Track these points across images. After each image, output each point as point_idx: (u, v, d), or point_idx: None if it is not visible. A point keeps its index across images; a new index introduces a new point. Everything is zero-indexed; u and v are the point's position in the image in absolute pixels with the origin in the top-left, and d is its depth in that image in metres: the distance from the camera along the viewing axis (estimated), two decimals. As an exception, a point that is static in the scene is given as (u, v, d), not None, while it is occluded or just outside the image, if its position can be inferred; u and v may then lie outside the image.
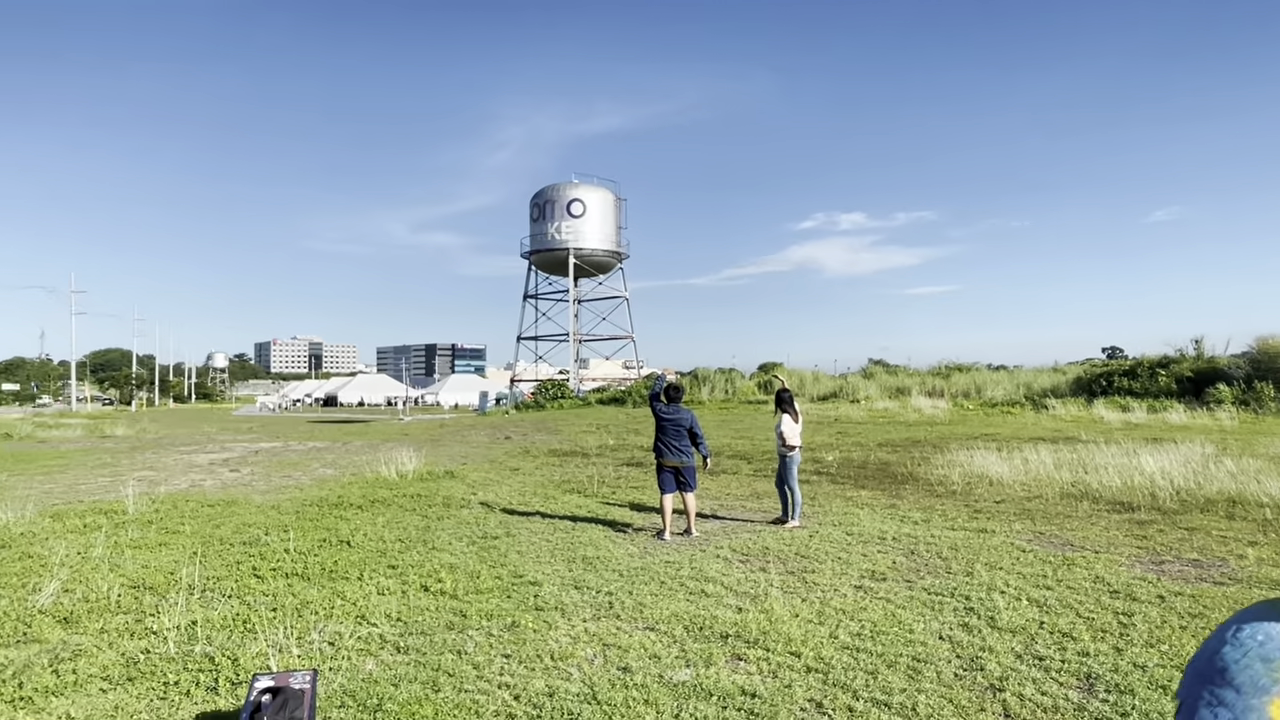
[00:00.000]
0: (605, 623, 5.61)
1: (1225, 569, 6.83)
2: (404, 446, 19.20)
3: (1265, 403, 25.77)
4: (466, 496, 11.72)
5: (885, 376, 43.27)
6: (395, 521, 9.68)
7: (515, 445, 21.46)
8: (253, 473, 15.83)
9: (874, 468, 14.53)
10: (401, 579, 6.85)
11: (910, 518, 9.49)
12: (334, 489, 12.78)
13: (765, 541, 8.28)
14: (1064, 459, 13.77)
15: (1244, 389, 27.04)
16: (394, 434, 28.74)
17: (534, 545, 8.26)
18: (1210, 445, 15.64)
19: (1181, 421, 23.19)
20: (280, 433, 31.22)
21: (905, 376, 42.36)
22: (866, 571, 6.93)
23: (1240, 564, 6.97)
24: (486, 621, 5.64)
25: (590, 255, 62.42)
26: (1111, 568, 6.90)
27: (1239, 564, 6.97)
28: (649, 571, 7.06)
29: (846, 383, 42.04)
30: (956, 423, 25.78)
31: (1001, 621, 5.44)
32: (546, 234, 62.52)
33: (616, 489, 12.49)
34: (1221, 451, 14.61)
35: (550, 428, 28.46)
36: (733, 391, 42.29)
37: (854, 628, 5.38)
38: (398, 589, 6.53)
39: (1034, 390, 34.59)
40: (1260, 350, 28.35)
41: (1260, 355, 28.17)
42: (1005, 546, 7.81)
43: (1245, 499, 9.88)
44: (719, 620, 5.58)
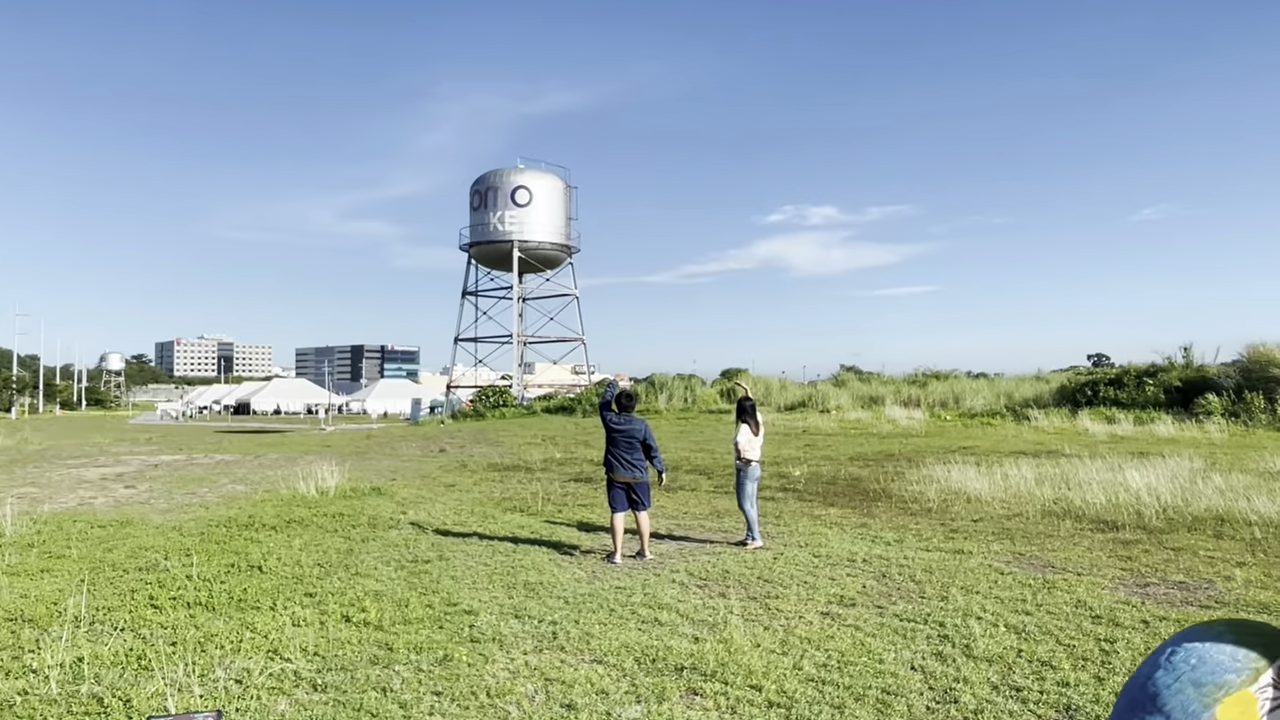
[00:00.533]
0: (548, 655, 5.60)
1: (1212, 592, 7.06)
2: (325, 460, 18.90)
3: (1255, 415, 26.73)
4: (395, 516, 11.60)
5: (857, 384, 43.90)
6: (314, 544, 9.54)
7: (451, 458, 21.29)
8: (151, 489, 15.45)
9: (844, 483, 14.73)
10: (320, 608, 6.75)
11: (882, 538, 9.64)
12: (244, 508, 12.53)
13: (725, 565, 8.34)
14: (1046, 474, 14.11)
15: (1234, 400, 28.01)
16: (314, 445, 28.29)
17: (470, 570, 8.21)
18: (1199, 459, 16.17)
19: (1169, 434, 23.93)
20: (184, 444, 30.51)
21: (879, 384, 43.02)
22: (834, 597, 7.02)
23: (1228, 586, 7.22)
24: (415, 655, 5.58)
25: (537, 248, 62.28)
26: (1094, 591, 7.09)
27: (1226, 586, 7.22)
28: (597, 598, 7.06)
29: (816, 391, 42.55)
30: (933, 435, 26.26)
31: (977, 650, 5.56)
32: (489, 224, 62.22)
33: (563, 507, 12.47)
34: (1210, 466, 15.12)
35: (490, 439, 28.29)
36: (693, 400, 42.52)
37: (820, 658, 5.45)
38: (315, 619, 6.43)
39: (1015, 400, 35.41)
40: (1251, 359, 29.41)
41: (1251, 364, 29.23)
42: (983, 569, 7.98)
43: (1234, 517, 10.23)
44: (673, 651, 5.60)
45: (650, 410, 39.55)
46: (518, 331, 63.80)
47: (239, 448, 27.68)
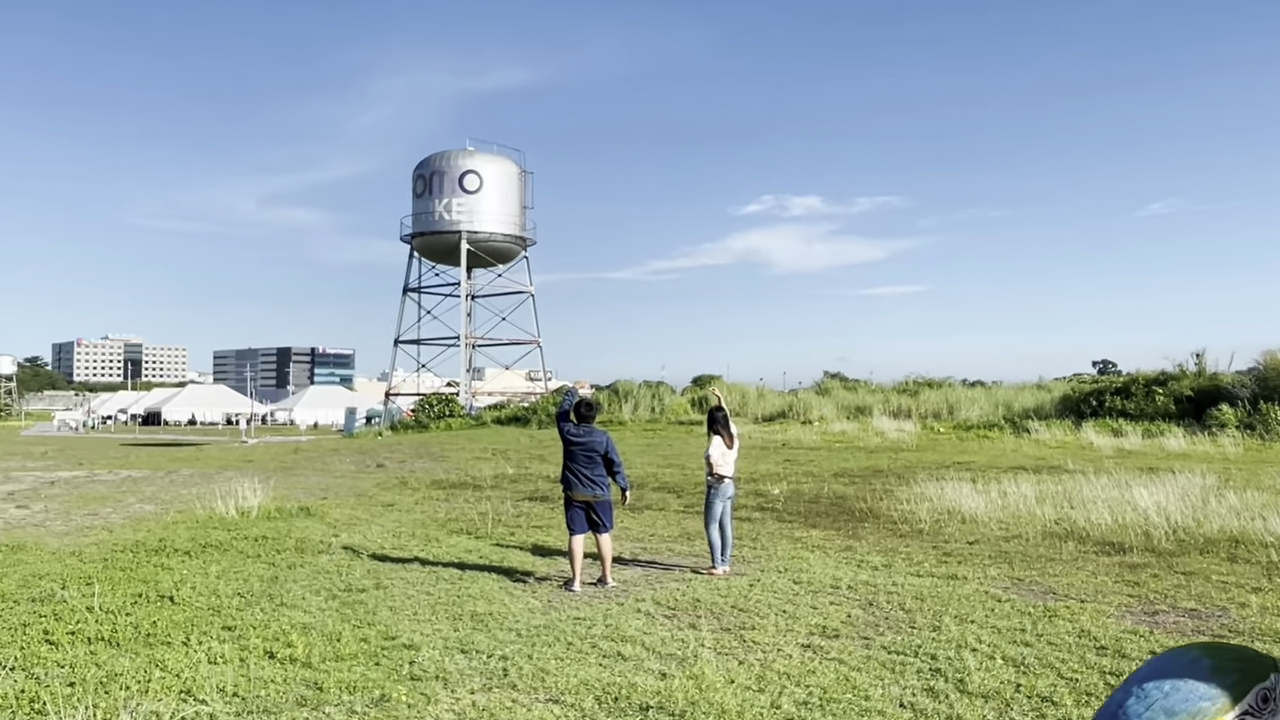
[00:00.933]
0: (498, 694, 5.58)
1: (1225, 620, 7.22)
2: (247, 476, 18.66)
3: (1272, 427, 27.35)
4: (326, 539, 11.49)
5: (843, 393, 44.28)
6: (233, 571, 9.42)
7: (390, 475, 21.14)
8: (47, 509, 15.16)
9: (828, 502, 14.84)
10: (240, 643, 6.66)
11: (869, 562, 9.73)
12: (154, 530, 12.35)
13: (696, 592, 8.37)
14: (1047, 492, 14.33)
15: (1249, 411, 28.63)
16: (235, 460, 27.93)
17: (411, 599, 8.15)
18: (1211, 476, 16.50)
19: (1180, 448, 24.41)
20: (85, 458, 29.97)
21: (866, 393, 43.43)
22: (816, 627, 7.07)
23: (1242, 614, 7.38)
24: (348, 695, 5.53)
25: (487, 240, 62.07)
26: (1098, 619, 7.22)
27: (1240, 614, 7.38)
28: (554, 630, 7.05)
29: (797, 400, 42.86)
30: (925, 448, 26.56)
31: (972, 685, 5.63)
32: (434, 213, 61.90)
33: (515, 529, 12.44)
34: (1224, 483, 15.44)
35: (434, 453, 28.13)
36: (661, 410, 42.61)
37: (800, 695, 5.48)
38: (235, 656, 6.34)
39: (1014, 410, 35.93)
40: (1268, 366, 30.09)
41: (1268, 372, 29.90)
42: (978, 595, 8.08)
43: (1249, 538, 10.46)
44: (638, 689, 5.61)
45: (614, 421, 39.55)
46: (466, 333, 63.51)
47: (148, 463, 27.26)
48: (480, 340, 65.35)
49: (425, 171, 63.24)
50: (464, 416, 46.74)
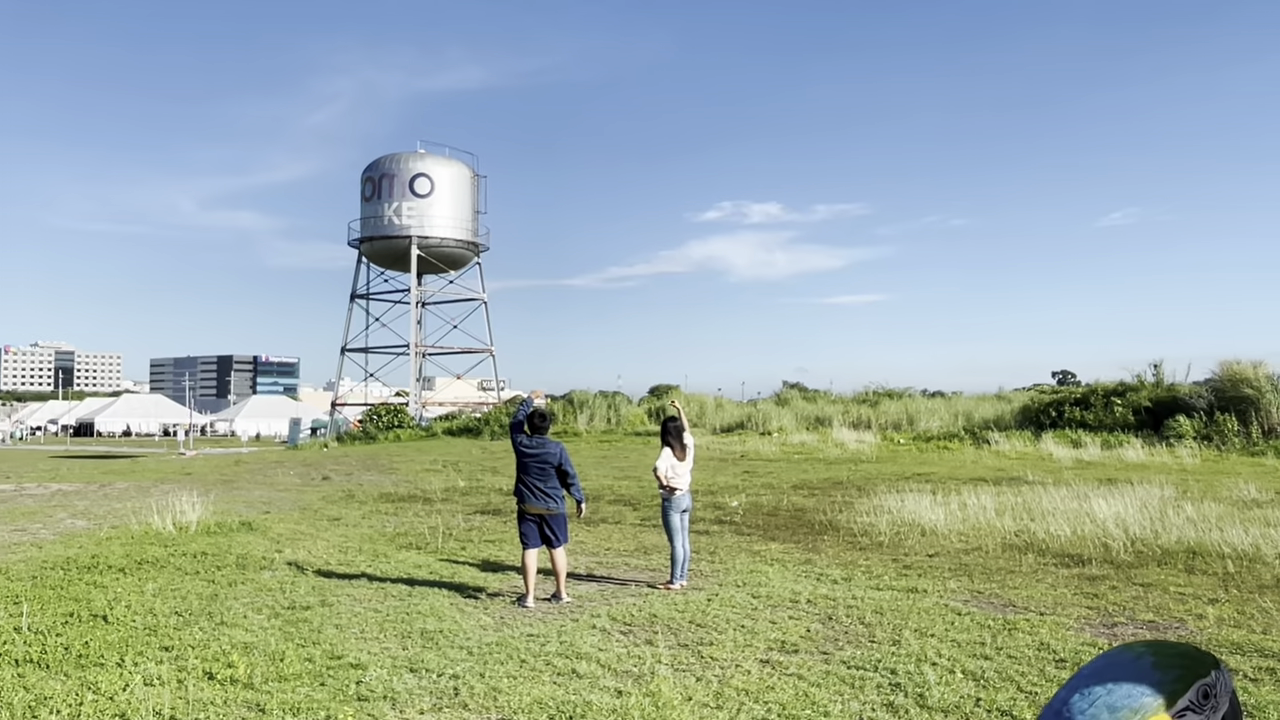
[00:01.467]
0: (448, 714, 5.54)
1: (1183, 631, 7.39)
2: (185, 489, 18.35)
3: (1229, 438, 28.02)
4: (269, 555, 11.34)
5: (802, 403, 44.60)
6: (171, 588, 9.26)
7: (336, 488, 20.90)
8: (-29, 525, 14.77)
9: (787, 515, 14.94)
10: (178, 664, 6.55)
11: (829, 576, 9.81)
12: (86, 546, 12.09)
13: (653, 608, 8.38)
14: (1007, 503, 14.55)
15: (1206, 422, 29.32)
16: (172, 473, 27.45)
17: (358, 617, 8.07)
18: (1169, 487, 16.87)
19: (1139, 459, 24.93)
20: (12, 471, 29.26)
21: (826, 404, 43.78)
22: (775, 642, 7.12)
23: (1199, 625, 7.55)
24: (291, 717, 5.47)
25: (439, 246, 61.72)
26: (1058, 632, 7.34)
27: (1198, 625, 7.56)
28: (506, 648, 7.02)
29: (756, 410, 43.07)
30: (885, 460, 26.82)
31: (932, 699, 5.69)
32: (383, 217, 61.44)
33: (467, 543, 12.36)
34: (1181, 494, 15.80)
35: (383, 465, 27.86)
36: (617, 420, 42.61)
37: (759, 712, 5.51)
38: (172, 677, 6.23)
39: (975, 421, 36.43)
40: (1224, 377, 30.84)
41: (1224, 383, 30.64)
42: (938, 609, 8.18)
43: (1206, 549, 10.71)
44: (593, 707, 5.60)
45: (569, 432, 39.48)
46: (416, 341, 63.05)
47: (80, 475, 26.68)
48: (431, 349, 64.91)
49: (374, 174, 62.73)
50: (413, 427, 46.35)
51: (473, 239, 64.09)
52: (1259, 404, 29.15)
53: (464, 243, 63.40)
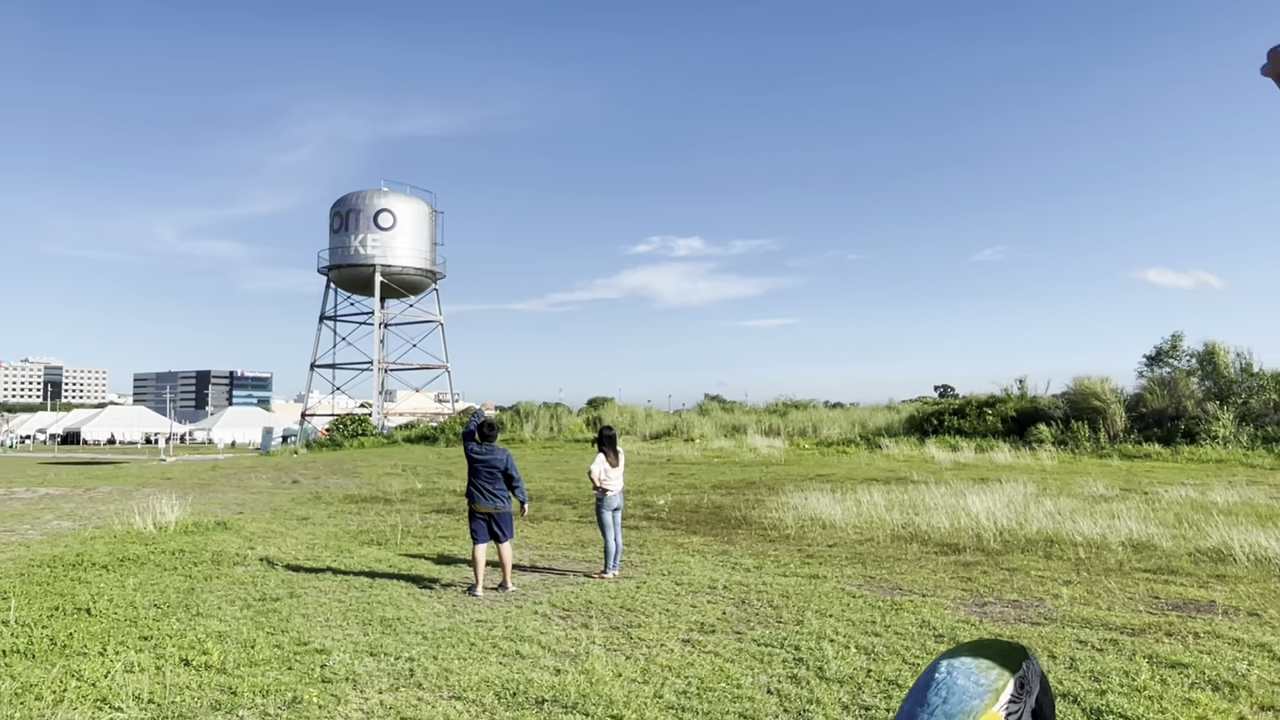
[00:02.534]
0: (404, 693, 5.45)
1: (1042, 609, 7.59)
2: (165, 492, 17.80)
3: (1081, 443, 28.93)
4: (242, 551, 11.04)
5: (721, 414, 44.85)
6: (151, 583, 8.96)
7: (304, 490, 20.44)
8: (-38, 527, 14.11)
9: (707, 511, 15.01)
10: (157, 652, 6.34)
11: (742, 564, 9.87)
12: (71, 545, 11.65)
13: (589, 595, 8.35)
14: (895, 500, 14.82)
15: (1062, 429, 30.22)
16: (153, 477, 26.57)
17: (323, 607, 7.90)
18: (1032, 485, 17.34)
19: (1007, 461, 25.57)
20: (2, 476, 28.04)
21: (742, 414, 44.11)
22: (695, 624, 7.14)
23: (1055, 604, 7.77)
24: (261, 698, 5.32)
25: (400, 273, 60.92)
26: (937, 611, 7.49)
27: (1054, 604, 7.77)
28: (458, 632, 6.93)
29: (681, 420, 43.20)
30: (792, 463, 27.11)
31: (830, 671, 5.77)
32: (349, 247, 60.47)
33: (423, 540, 12.18)
34: (1041, 491, 16.25)
35: (348, 470, 27.33)
36: (558, 429, 42.38)
37: (680, 685, 5.53)
38: (151, 664, 6.04)
39: (869, 429, 37.02)
40: (1077, 391, 31.84)
41: (1077, 396, 31.64)
42: (836, 592, 8.29)
43: (1061, 538, 11.03)
44: (534, 684, 5.56)
45: (515, 439, 39.17)
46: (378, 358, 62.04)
47: (67, 480, 25.68)
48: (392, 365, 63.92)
49: (342, 209, 61.76)
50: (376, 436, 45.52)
51: (431, 267, 63.40)
52: (1106, 414, 30.17)
53: (423, 271, 62.70)
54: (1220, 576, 8.79)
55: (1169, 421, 29.37)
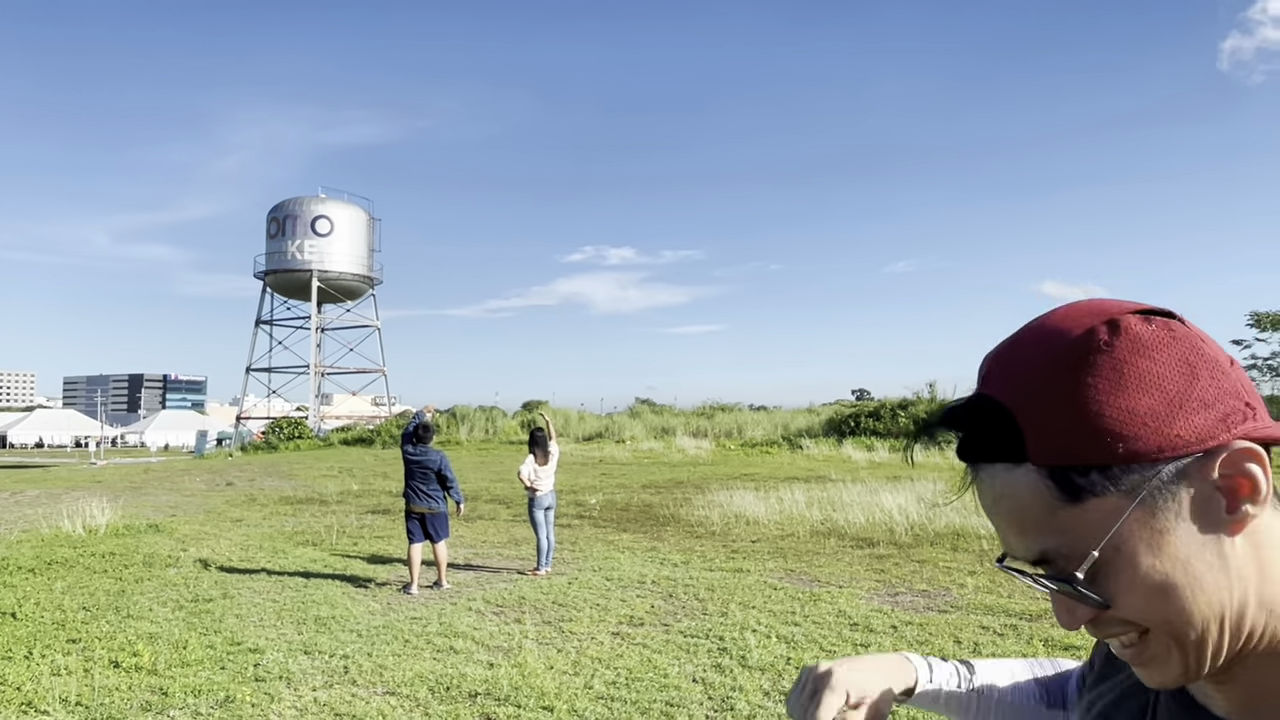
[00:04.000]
0: (339, 690, 5.34)
1: (949, 598, 7.80)
2: (96, 495, 17.06)
3: (986, 443, 29.82)
4: (175, 553, 10.66)
5: (651, 416, 44.97)
6: (79, 586, 8.59)
7: (239, 492, 19.83)
8: (-120, 532, 13.32)
9: (637, 510, 15.03)
10: (85, 655, 6.09)
11: (671, 560, 9.92)
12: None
13: (522, 591, 8.29)
14: (815, 497, 15.06)
15: (969, 430, 31.13)
16: (83, 480, 25.46)
17: (257, 607, 7.68)
18: (940, 482, 17.80)
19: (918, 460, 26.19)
20: (-77, 481, 26.51)
21: (671, 416, 44.29)
22: (625, 617, 7.15)
23: (961, 592, 8.00)
24: (193, 699, 5.15)
25: (337, 279, 59.65)
26: (853, 601, 7.64)
27: (960, 593, 8.00)
28: (392, 630, 6.81)
29: (612, 422, 43.18)
30: (718, 463, 27.34)
31: (752, 660, 5.84)
32: (286, 252, 58.98)
33: (359, 540, 11.94)
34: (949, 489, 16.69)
35: (283, 472, 26.59)
36: (494, 431, 41.97)
37: (610, 676, 5.53)
38: (79, 667, 5.79)
39: (790, 430, 37.57)
40: (982, 394, 32.82)
41: (982, 399, 32.62)
42: (759, 585, 8.39)
43: (966, 532, 11.35)
44: (468, 678, 5.50)
45: (451, 441, 38.66)
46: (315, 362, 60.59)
47: (-8, 484, 24.43)
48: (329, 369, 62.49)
49: (279, 215, 60.22)
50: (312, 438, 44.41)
51: (368, 273, 62.23)
52: (1008, 416, 31.15)
53: (360, 276, 61.51)
54: (1109, 565, 9.17)
55: (1065, 423, 30.48)
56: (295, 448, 40.97)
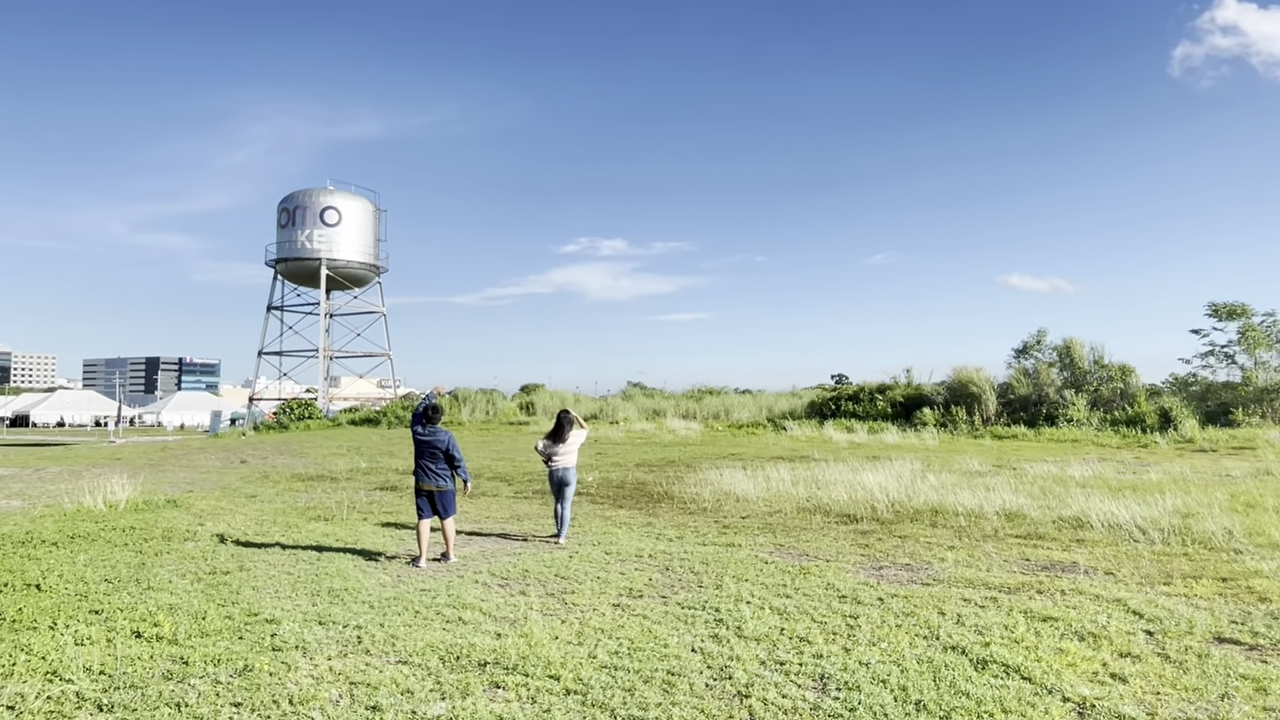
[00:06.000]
0: (353, 659, 5.26)
1: (931, 571, 7.77)
2: (115, 472, 16.93)
3: (959, 425, 29.91)
4: (192, 528, 10.54)
5: (643, 399, 44.96)
6: (101, 559, 8.48)
7: (253, 469, 19.69)
8: (-92, 507, 13.15)
9: (631, 487, 14.98)
10: (108, 625, 5.99)
11: (665, 535, 9.87)
12: (21, 523, 10.95)
13: (525, 564, 8.22)
14: (800, 476, 15.04)
15: (943, 413, 31.19)
16: (103, 458, 25.26)
17: (272, 579, 7.59)
18: (917, 462, 17.82)
19: (895, 441, 26.25)
20: (-51, 458, 26.26)
21: (661, 399, 44.28)
22: (624, 589, 7.09)
23: (942, 566, 7.97)
24: (213, 667, 5.06)
25: (345, 267, 59.28)
26: (840, 575, 7.60)
27: (941, 566, 7.97)
28: (402, 601, 6.73)
29: (606, 404, 43.15)
30: (707, 443, 27.33)
31: (747, 631, 5.78)
32: (296, 241, 58.56)
33: (368, 515, 11.83)
34: (926, 468, 16.71)
35: (294, 450, 26.45)
36: (494, 412, 41.86)
37: (612, 646, 5.47)
38: (102, 637, 5.69)
39: (775, 413, 37.60)
40: (956, 379, 32.90)
41: (956, 384, 32.69)
42: (750, 559, 8.34)
43: (945, 509, 11.34)
44: (476, 648, 5.43)
45: (454, 422, 38.54)
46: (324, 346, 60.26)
47: (16, 461, 24.21)
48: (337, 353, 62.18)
49: (290, 206, 59.73)
50: (321, 418, 44.22)
51: (374, 262, 61.85)
52: (981, 399, 31.25)
53: (367, 265, 61.13)
54: (1080, 541, 9.16)
55: (1033, 406, 30.59)
56: (305, 427, 40.80)
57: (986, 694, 4.53)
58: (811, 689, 4.69)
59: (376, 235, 62.07)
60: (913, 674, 4.85)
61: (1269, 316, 29.24)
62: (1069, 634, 5.65)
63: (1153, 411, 27.63)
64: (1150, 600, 6.52)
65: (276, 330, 61.00)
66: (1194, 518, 10.10)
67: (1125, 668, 4.98)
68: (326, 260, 58.12)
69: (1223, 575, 7.38)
